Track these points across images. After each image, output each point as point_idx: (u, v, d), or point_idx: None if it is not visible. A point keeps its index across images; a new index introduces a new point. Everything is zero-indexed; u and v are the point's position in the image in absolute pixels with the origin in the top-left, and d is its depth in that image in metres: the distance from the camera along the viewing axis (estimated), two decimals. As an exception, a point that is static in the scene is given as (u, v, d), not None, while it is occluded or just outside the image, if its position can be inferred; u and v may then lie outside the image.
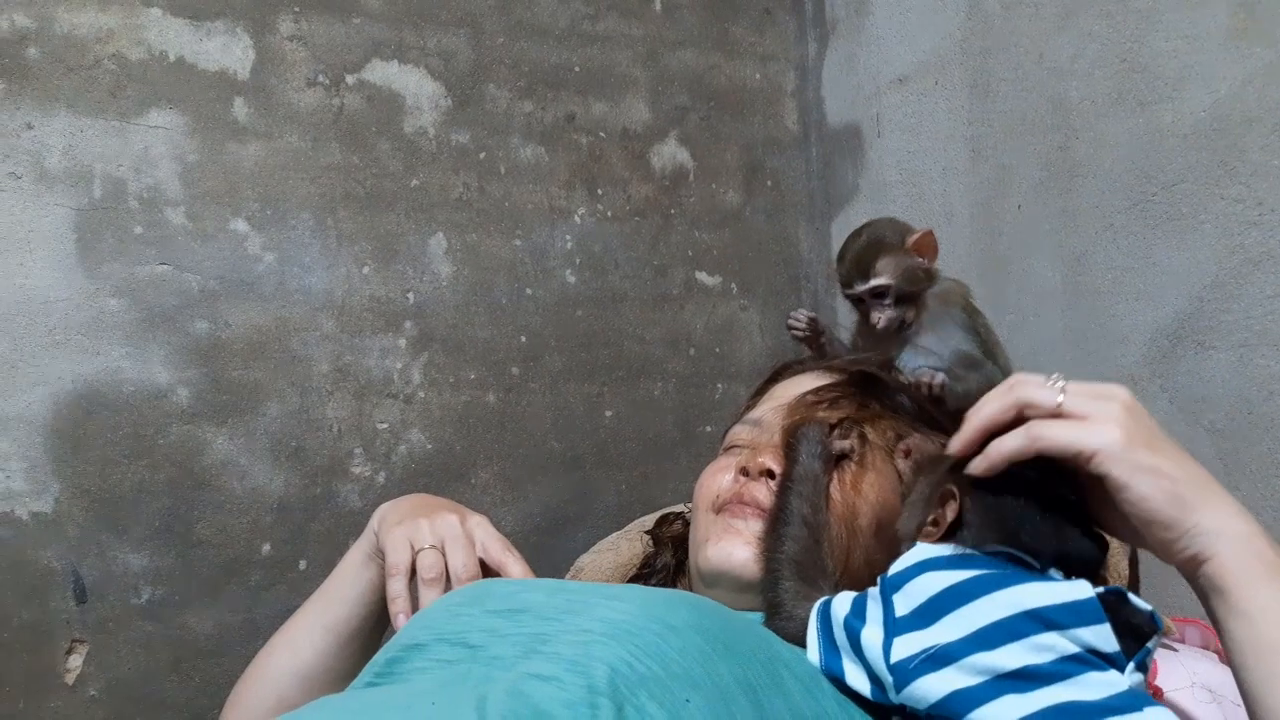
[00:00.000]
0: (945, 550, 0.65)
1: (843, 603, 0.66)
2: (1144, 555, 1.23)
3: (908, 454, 0.77)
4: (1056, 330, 1.39)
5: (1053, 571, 0.63)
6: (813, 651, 0.66)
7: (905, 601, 0.62)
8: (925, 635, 0.60)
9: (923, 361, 1.22)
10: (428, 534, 0.83)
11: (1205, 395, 1.20)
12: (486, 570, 0.83)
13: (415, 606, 0.79)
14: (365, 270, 1.56)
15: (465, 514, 0.86)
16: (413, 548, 0.82)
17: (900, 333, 1.25)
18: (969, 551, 0.64)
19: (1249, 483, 1.15)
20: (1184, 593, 1.18)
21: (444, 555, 0.82)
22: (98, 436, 1.40)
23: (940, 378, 1.09)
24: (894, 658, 0.60)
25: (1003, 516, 0.64)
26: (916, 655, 0.59)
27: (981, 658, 0.57)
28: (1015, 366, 1.32)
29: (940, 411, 0.99)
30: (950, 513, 0.66)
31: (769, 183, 1.89)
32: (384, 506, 0.90)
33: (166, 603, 1.42)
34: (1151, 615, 0.61)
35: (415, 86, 1.60)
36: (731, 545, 0.80)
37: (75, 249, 1.40)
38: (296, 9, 1.53)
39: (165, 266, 1.44)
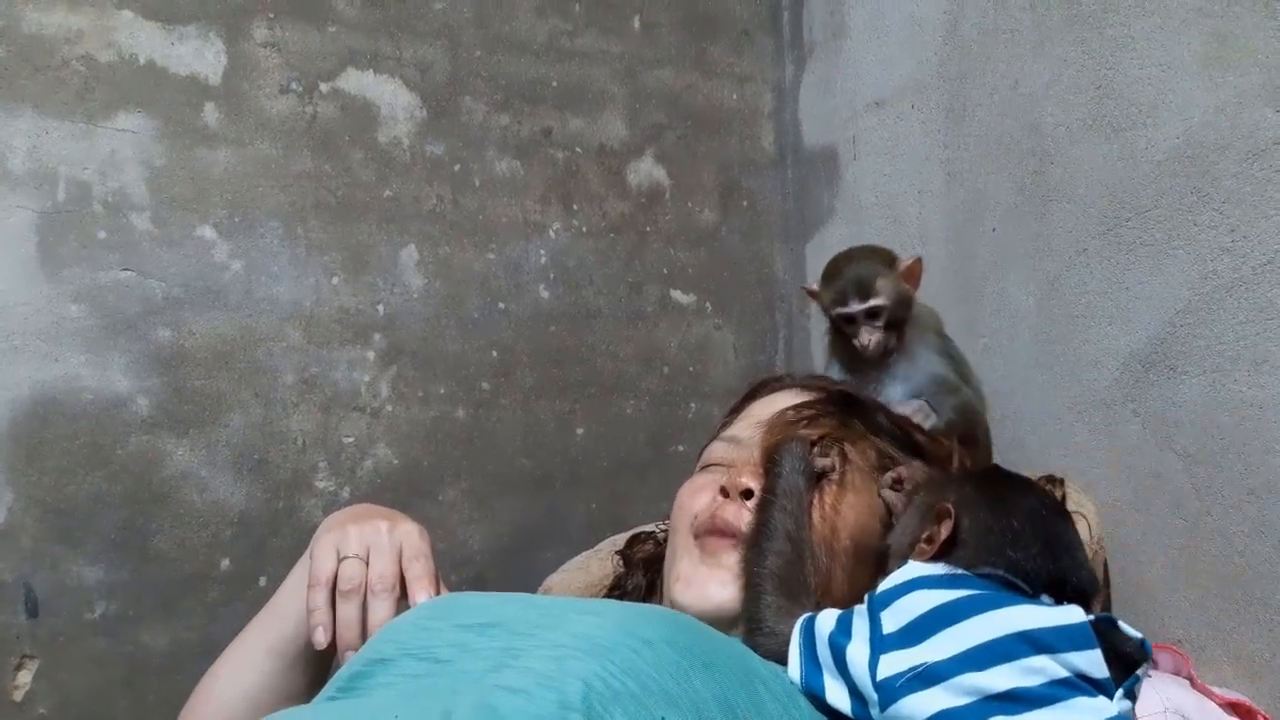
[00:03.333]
0: (937, 569, 0.64)
1: (827, 619, 0.65)
2: (1115, 575, 1.23)
3: (899, 482, 0.76)
4: (1029, 353, 1.40)
5: (1044, 597, 0.62)
6: (794, 667, 0.65)
7: (894, 619, 0.61)
8: (913, 653, 0.59)
9: (900, 388, 1.22)
10: (354, 542, 0.80)
11: (1177, 419, 1.20)
12: None
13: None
14: (335, 281, 1.53)
15: (397, 521, 0.83)
16: (338, 556, 0.79)
17: (883, 359, 1.25)
18: (960, 572, 0.63)
19: (1221, 508, 1.15)
20: (1154, 616, 1.18)
21: (367, 564, 0.79)
22: (54, 445, 1.36)
23: (933, 420, 1.10)
24: (880, 675, 0.59)
25: (999, 538, 0.64)
26: (904, 673, 0.58)
27: (970, 678, 0.56)
28: (987, 389, 1.33)
29: (920, 433, 0.98)
30: (945, 530, 0.65)
31: (745, 203, 1.88)
32: (328, 517, 0.87)
33: (121, 618, 1.38)
34: (1141, 643, 0.61)
35: (390, 96, 1.58)
36: (705, 588, 0.78)
37: (36, 252, 1.36)
38: (271, 15, 1.51)
39: (128, 272, 1.41)
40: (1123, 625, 0.61)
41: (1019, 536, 0.64)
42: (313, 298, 1.52)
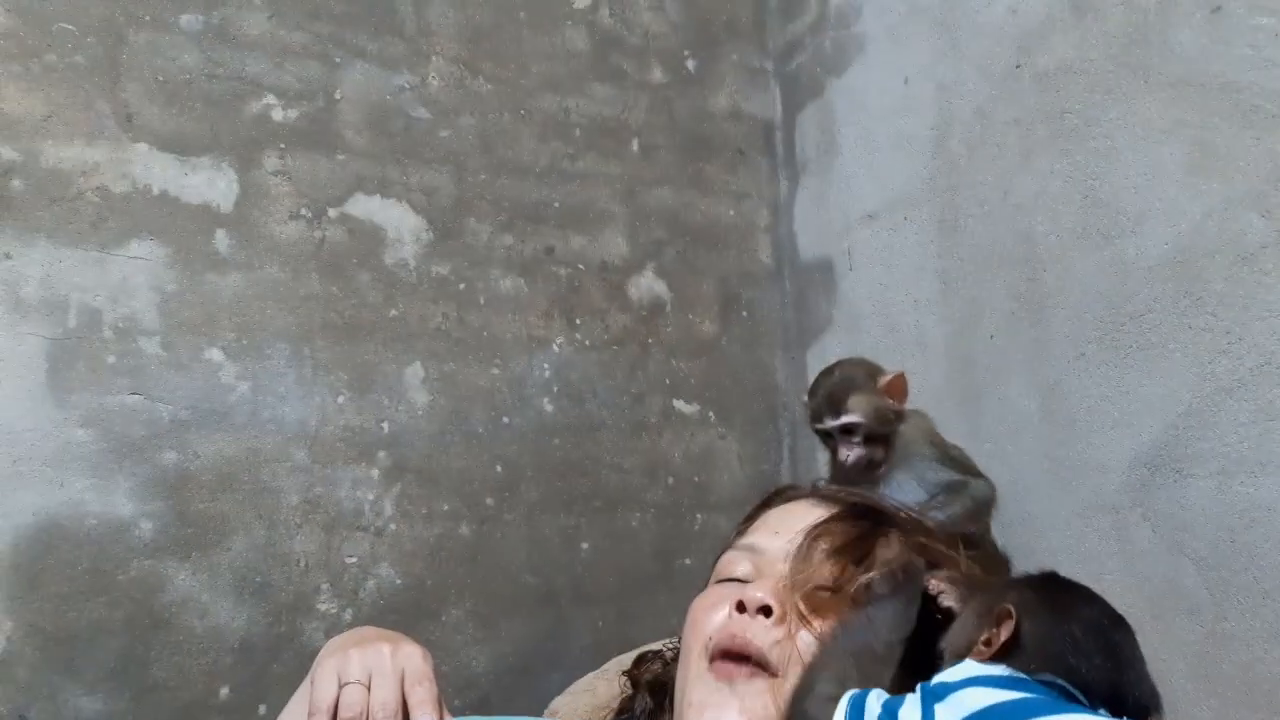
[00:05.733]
0: (996, 670, 0.63)
1: (875, 700, 0.63)
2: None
3: (943, 586, 0.75)
4: (1035, 459, 1.39)
5: (1101, 710, 0.61)
6: None
7: (949, 712, 0.60)
8: None
9: (898, 498, 1.23)
10: (356, 667, 0.77)
11: (1187, 523, 1.19)
12: None
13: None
14: (340, 400, 1.55)
15: (400, 644, 0.81)
16: (339, 682, 0.78)
17: (870, 472, 1.27)
18: (1020, 675, 0.62)
19: (1237, 612, 1.13)
20: None
21: (369, 690, 0.77)
22: (56, 572, 1.34)
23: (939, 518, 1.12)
24: None
25: (1059, 645, 0.63)
26: None
27: None
28: (997, 493, 1.33)
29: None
30: (1006, 632, 0.64)
31: (744, 314, 1.91)
32: (329, 641, 0.85)
33: (117, 751, 1.34)
34: None
35: (397, 220, 1.63)
36: (719, 713, 0.76)
37: (46, 378, 1.38)
38: (282, 145, 1.56)
39: (136, 396, 1.42)
40: None
41: (1080, 645, 0.63)
42: (318, 417, 1.53)
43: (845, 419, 1.24)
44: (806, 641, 0.77)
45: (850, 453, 1.25)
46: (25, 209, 1.40)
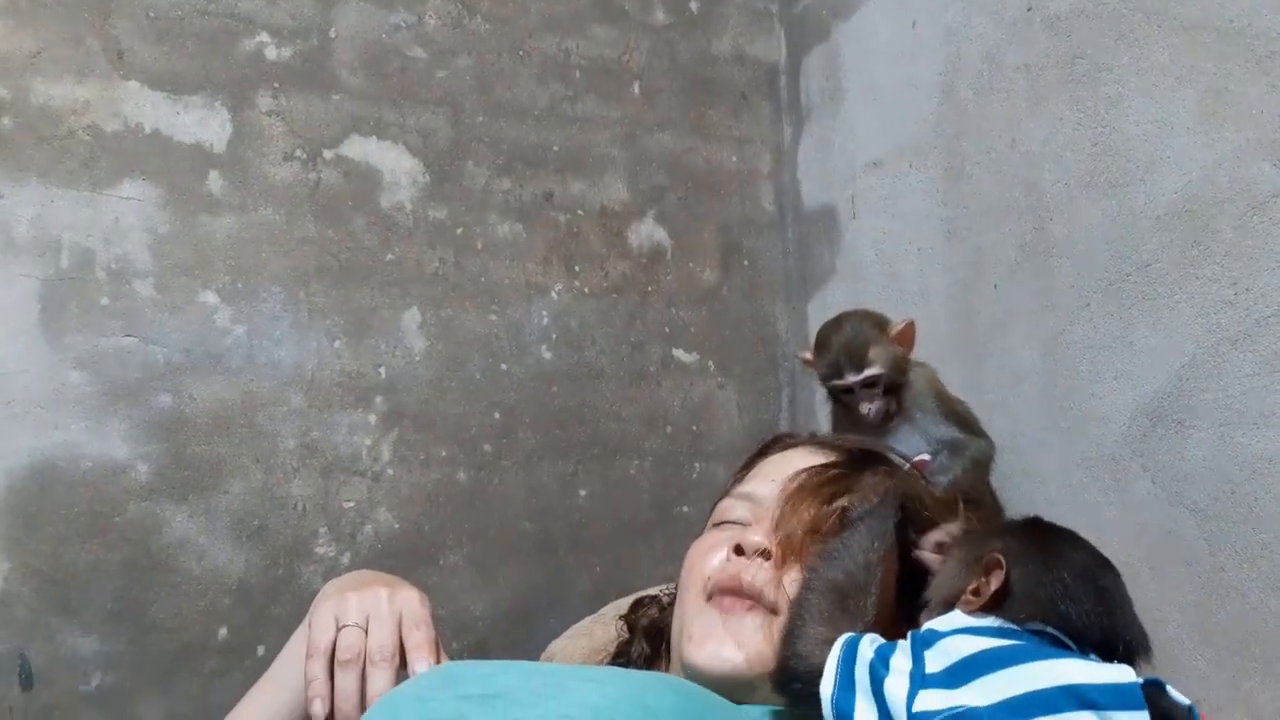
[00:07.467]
0: (984, 622, 0.63)
1: (868, 645, 0.63)
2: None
3: (940, 543, 0.75)
4: (1035, 410, 1.39)
5: (1090, 655, 0.61)
6: (827, 682, 0.62)
7: (937, 659, 0.60)
8: (954, 694, 0.57)
9: (906, 451, 1.22)
10: (354, 610, 0.78)
11: (1187, 475, 1.18)
12: None
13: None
14: (336, 344, 1.53)
15: (398, 587, 0.81)
16: (337, 624, 0.78)
17: (885, 423, 1.26)
18: (1008, 625, 0.62)
19: (1234, 564, 1.13)
20: (1170, 675, 1.16)
21: (366, 633, 0.77)
22: (52, 513, 1.34)
23: (943, 479, 1.11)
24: (917, 707, 0.57)
25: (1049, 592, 0.62)
26: (942, 712, 0.56)
27: None
28: (996, 448, 1.32)
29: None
30: (995, 582, 0.63)
31: (745, 262, 1.89)
32: (327, 584, 0.85)
33: (116, 690, 1.35)
34: (1190, 710, 0.59)
35: (393, 162, 1.60)
36: (719, 646, 0.76)
37: (39, 320, 1.37)
38: (276, 85, 1.53)
39: (130, 338, 1.41)
40: (1171, 690, 0.60)
41: (1070, 591, 0.62)
42: (314, 361, 1.52)
43: (869, 372, 1.23)
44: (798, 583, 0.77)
45: (872, 406, 1.24)
46: (15, 147, 1.37)
